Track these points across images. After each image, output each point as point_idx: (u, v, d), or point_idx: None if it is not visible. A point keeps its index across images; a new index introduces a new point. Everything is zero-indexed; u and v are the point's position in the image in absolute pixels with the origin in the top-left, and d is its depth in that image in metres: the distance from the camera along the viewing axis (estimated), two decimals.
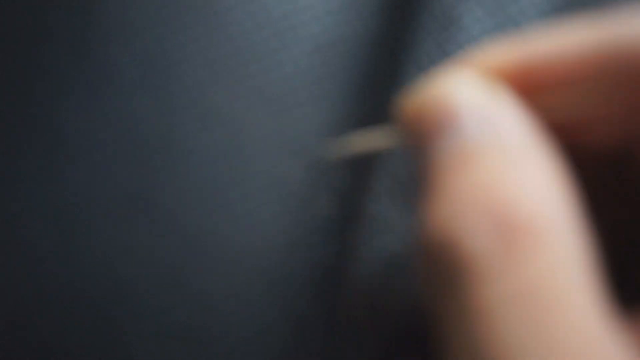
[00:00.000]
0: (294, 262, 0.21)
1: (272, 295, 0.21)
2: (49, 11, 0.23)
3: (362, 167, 0.21)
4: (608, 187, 0.17)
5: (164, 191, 0.21)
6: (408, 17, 0.25)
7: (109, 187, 0.21)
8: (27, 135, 0.21)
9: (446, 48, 0.24)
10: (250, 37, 0.23)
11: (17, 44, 0.23)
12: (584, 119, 0.15)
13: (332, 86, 0.24)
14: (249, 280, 0.21)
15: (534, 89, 0.15)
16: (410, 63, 0.24)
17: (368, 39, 0.24)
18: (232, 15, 0.23)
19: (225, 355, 0.20)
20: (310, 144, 0.23)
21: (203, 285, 0.20)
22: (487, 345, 0.12)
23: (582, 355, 0.11)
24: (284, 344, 0.21)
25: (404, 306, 0.19)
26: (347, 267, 0.21)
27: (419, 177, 0.15)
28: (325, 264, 0.21)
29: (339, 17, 0.24)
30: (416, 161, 0.16)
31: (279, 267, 0.21)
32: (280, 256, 0.21)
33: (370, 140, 0.18)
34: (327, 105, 0.23)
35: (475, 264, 0.12)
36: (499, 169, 0.13)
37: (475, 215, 0.13)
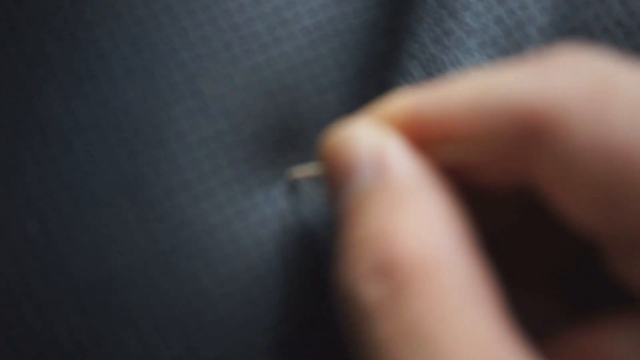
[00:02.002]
0: (280, 247, 0.21)
1: (264, 279, 0.21)
2: None
3: None
4: (517, 219, 0.17)
5: (150, 178, 0.21)
6: (405, 9, 0.24)
7: (95, 174, 0.21)
8: (10, 123, 0.21)
9: (444, 42, 0.24)
10: (241, 31, 0.23)
11: (2, 30, 0.22)
12: (476, 164, 0.15)
13: (326, 82, 0.23)
14: (239, 265, 0.21)
15: (424, 139, 0.16)
16: (407, 57, 0.24)
17: (363, 33, 0.24)
18: (223, 7, 0.23)
19: (220, 339, 0.20)
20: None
21: (193, 270, 0.20)
22: None
23: None
24: (280, 327, 0.21)
25: None
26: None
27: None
28: (318, 249, 0.21)
29: (334, 10, 0.24)
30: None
31: (266, 252, 0.21)
32: (263, 243, 0.21)
33: (308, 170, 0.21)
34: (321, 102, 0.23)
35: (368, 309, 0.14)
36: (385, 213, 0.15)
37: (364, 263, 0.14)
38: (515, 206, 0.17)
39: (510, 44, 0.23)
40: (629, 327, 0.15)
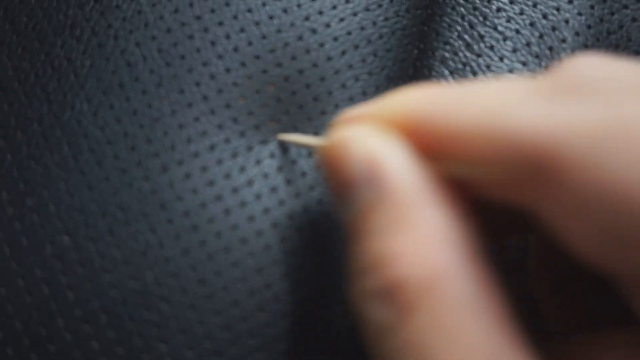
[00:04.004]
0: (314, 262, 0.21)
1: (298, 294, 0.20)
2: (62, 6, 0.22)
3: None
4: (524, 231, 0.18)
5: (182, 190, 0.21)
6: (435, 15, 0.24)
7: (125, 187, 0.20)
8: (40, 137, 0.21)
9: (476, 48, 0.23)
10: (270, 41, 0.22)
11: (30, 40, 0.22)
12: (481, 182, 0.15)
13: (357, 90, 0.23)
14: (272, 274, 0.20)
15: (427, 147, 0.15)
16: (438, 64, 0.23)
17: (394, 40, 0.23)
18: (252, 17, 0.23)
19: (254, 351, 0.20)
20: None
21: (226, 282, 0.20)
22: None
23: None
24: (310, 342, 0.20)
25: None
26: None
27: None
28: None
29: (364, 18, 0.23)
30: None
31: (301, 264, 0.21)
32: (301, 254, 0.21)
33: (307, 141, 0.20)
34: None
35: (377, 328, 0.15)
36: (384, 233, 0.15)
37: (368, 287, 0.15)
38: (521, 221, 0.17)
39: (544, 48, 0.23)
40: (629, 345, 0.15)
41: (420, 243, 0.14)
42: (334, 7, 0.23)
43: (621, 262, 0.13)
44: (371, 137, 0.16)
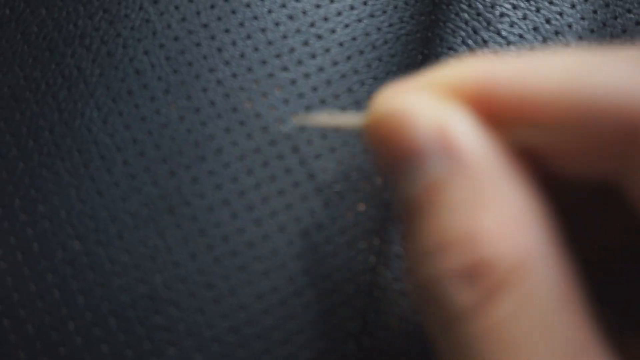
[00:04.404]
0: (322, 263, 0.21)
1: (303, 295, 0.21)
2: (72, 16, 0.23)
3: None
4: (596, 213, 0.16)
5: (190, 195, 0.21)
6: (439, 21, 0.24)
7: (134, 192, 0.21)
8: (51, 144, 0.21)
9: (479, 53, 0.23)
10: (276, 47, 0.23)
11: (41, 50, 0.23)
12: (556, 151, 0.14)
13: (362, 95, 0.23)
14: (278, 278, 0.20)
15: (496, 117, 0.14)
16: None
17: (398, 46, 0.24)
18: (259, 24, 0.23)
19: (262, 354, 0.20)
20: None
21: (233, 285, 0.20)
22: None
23: None
24: (316, 345, 0.21)
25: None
26: (380, 269, 0.21)
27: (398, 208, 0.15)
28: (357, 266, 0.21)
29: (369, 24, 0.24)
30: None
31: (307, 268, 0.21)
32: (306, 257, 0.21)
33: (340, 119, 0.19)
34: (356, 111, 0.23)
35: (458, 312, 0.13)
36: (467, 209, 0.14)
37: (451, 266, 0.13)
38: (593, 197, 0.16)
39: None
40: None
41: (507, 221, 0.13)
42: (339, 14, 0.23)
43: None
44: (438, 104, 0.14)
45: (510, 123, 0.14)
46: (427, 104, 0.14)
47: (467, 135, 0.14)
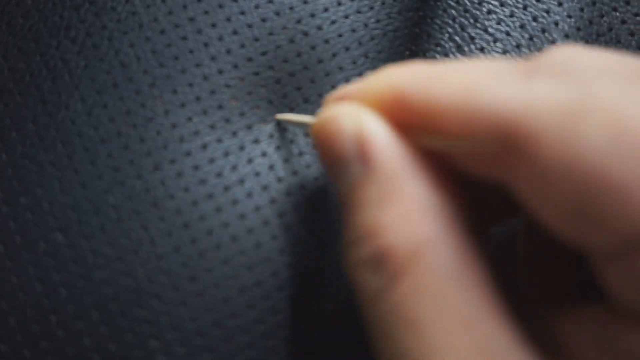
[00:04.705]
0: (303, 260, 0.21)
1: (287, 291, 0.21)
2: (58, 8, 0.23)
3: None
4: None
5: (175, 189, 0.21)
6: (427, 17, 0.24)
7: (118, 185, 0.21)
8: (34, 136, 0.21)
9: (467, 50, 0.23)
10: (262, 43, 0.23)
11: (26, 41, 0.22)
12: (458, 157, 0.16)
13: None
14: (263, 272, 0.20)
15: (409, 124, 0.16)
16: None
17: (385, 42, 0.24)
18: (245, 19, 0.23)
19: (245, 347, 0.20)
20: None
21: (217, 279, 0.20)
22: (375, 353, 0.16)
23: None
24: (300, 341, 0.21)
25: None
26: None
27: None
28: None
29: (356, 20, 0.24)
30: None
31: (289, 263, 0.21)
32: (288, 254, 0.21)
33: (301, 118, 0.21)
34: None
35: (368, 296, 0.16)
36: (374, 206, 0.16)
37: (360, 256, 0.16)
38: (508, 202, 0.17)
39: (534, 50, 0.23)
40: (595, 320, 0.15)
41: (404, 214, 0.15)
42: (326, 10, 0.23)
43: (587, 236, 0.14)
44: (359, 114, 0.17)
45: (419, 130, 0.16)
46: (352, 113, 0.17)
47: (379, 142, 0.16)
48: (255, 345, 0.20)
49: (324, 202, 0.22)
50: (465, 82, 0.15)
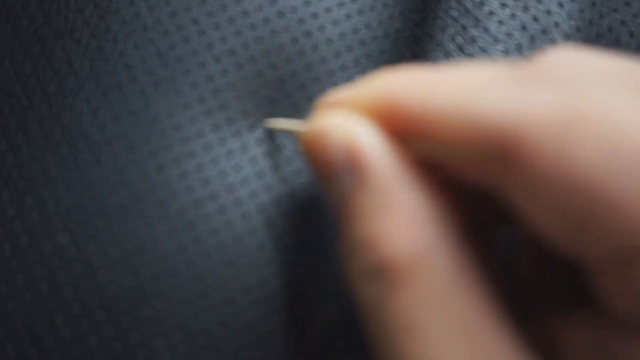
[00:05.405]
0: (306, 260, 0.21)
1: (290, 291, 0.21)
2: (63, 10, 0.23)
3: None
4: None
5: (178, 189, 0.21)
6: (428, 18, 0.24)
7: (123, 186, 0.21)
8: (40, 137, 0.21)
9: (468, 50, 0.24)
10: (265, 43, 0.23)
11: (31, 44, 0.23)
12: (451, 164, 0.16)
13: None
14: (266, 272, 0.21)
15: (401, 131, 0.16)
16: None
17: (387, 43, 0.24)
18: (248, 20, 0.23)
19: (248, 347, 0.20)
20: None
21: (221, 279, 0.20)
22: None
23: None
24: (299, 338, 0.21)
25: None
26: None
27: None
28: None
29: (357, 20, 0.24)
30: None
31: (292, 263, 0.21)
32: (291, 255, 0.21)
33: (290, 125, 0.21)
34: None
35: (369, 305, 0.16)
36: (369, 217, 0.16)
37: (359, 267, 0.16)
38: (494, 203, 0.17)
39: (535, 51, 0.23)
40: (590, 327, 0.15)
41: (400, 224, 0.15)
42: (328, 11, 0.24)
43: (581, 247, 0.14)
44: (348, 123, 0.16)
45: (412, 137, 0.16)
46: (341, 122, 0.17)
47: (371, 150, 0.16)
48: (259, 344, 0.20)
49: (327, 203, 0.22)
50: (460, 89, 0.15)
